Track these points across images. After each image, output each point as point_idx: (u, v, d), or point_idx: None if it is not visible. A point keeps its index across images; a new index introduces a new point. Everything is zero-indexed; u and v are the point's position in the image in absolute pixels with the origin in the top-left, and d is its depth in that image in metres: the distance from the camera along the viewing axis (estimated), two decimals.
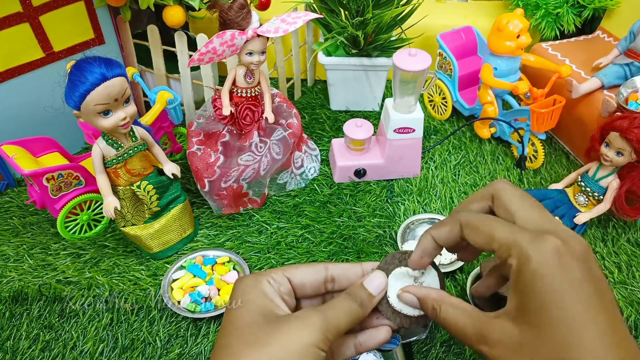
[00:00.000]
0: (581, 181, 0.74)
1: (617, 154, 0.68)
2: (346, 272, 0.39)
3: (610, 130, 0.67)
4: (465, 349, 0.60)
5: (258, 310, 0.34)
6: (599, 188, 0.72)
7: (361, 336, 0.38)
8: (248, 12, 0.65)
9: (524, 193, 0.35)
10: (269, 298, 0.35)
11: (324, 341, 0.33)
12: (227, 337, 0.33)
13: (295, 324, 0.33)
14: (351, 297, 0.36)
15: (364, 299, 0.36)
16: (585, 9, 0.97)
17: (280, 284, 0.36)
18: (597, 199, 0.73)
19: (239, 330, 0.33)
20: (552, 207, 0.75)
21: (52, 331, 0.62)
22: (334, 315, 0.34)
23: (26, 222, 0.77)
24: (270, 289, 0.36)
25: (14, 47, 0.73)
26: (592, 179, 0.72)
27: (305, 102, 1.04)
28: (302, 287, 0.38)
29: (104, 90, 0.55)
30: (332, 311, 0.34)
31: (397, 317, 0.38)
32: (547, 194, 0.77)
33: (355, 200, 0.81)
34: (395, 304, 0.38)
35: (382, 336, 0.38)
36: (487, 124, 0.91)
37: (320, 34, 1.00)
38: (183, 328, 0.63)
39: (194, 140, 0.74)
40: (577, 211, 0.74)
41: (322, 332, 0.33)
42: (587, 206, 0.74)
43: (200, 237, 0.75)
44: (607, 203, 0.71)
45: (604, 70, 0.82)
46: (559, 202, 0.75)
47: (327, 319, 0.34)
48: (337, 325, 0.34)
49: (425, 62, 0.71)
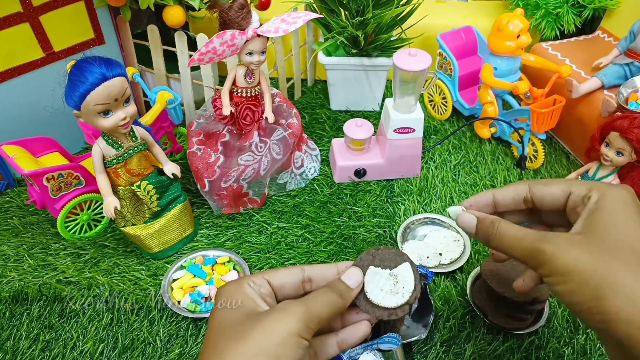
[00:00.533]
0: None
1: (617, 153, 0.68)
2: (323, 272, 0.40)
3: (610, 130, 0.67)
4: (465, 348, 0.60)
5: (241, 309, 0.35)
6: None
7: (342, 333, 0.40)
8: (248, 12, 0.65)
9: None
10: (251, 298, 0.36)
11: (306, 330, 0.34)
12: (213, 338, 0.35)
13: (276, 315, 0.34)
14: (331, 289, 0.38)
15: (343, 290, 0.38)
16: (585, 9, 0.97)
17: (261, 286, 0.38)
18: None
19: (223, 329, 0.34)
20: None
21: (52, 331, 0.62)
22: (315, 305, 0.36)
23: (26, 222, 0.77)
24: (251, 291, 0.37)
25: (14, 47, 0.73)
26: (593, 179, 0.72)
27: (305, 102, 1.04)
28: (281, 289, 0.39)
29: (104, 90, 0.55)
30: (313, 301, 0.36)
31: (376, 310, 0.39)
32: None
33: (355, 200, 0.81)
34: (372, 297, 0.39)
35: (362, 331, 0.40)
36: (487, 123, 0.91)
37: (320, 34, 1.00)
38: (183, 328, 0.63)
39: (194, 140, 0.74)
40: None
41: (304, 321, 0.34)
42: None
43: (200, 237, 0.75)
44: None
45: (604, 70, 0.82)
46: None
47: (308, 308, 0.35)
48: (318, 315, 0.35)
49: (425, 62, 0.71)
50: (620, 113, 0.75)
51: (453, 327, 0.63)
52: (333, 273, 0.40)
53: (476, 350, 0.60)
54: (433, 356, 0.60)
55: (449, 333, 0.62)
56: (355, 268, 0.40)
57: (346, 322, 0.41)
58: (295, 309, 0.35)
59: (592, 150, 0.72)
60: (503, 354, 0.60)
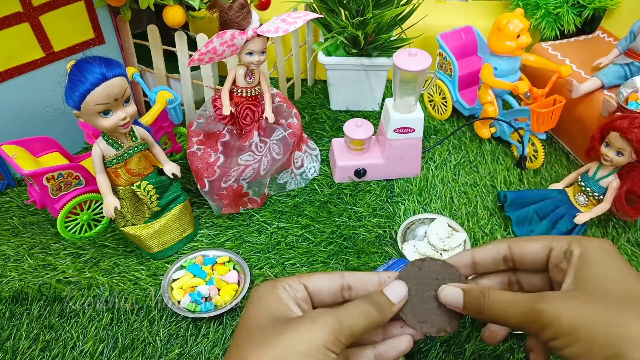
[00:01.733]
0: (581, 181, 0.74)
1: (617, 153, 0.68)
2: (364, 280, 0.38)
3: (611, 130, 0.67)
4: (465, 348, 0.60)
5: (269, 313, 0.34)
6: (599, 188, 0.72)
7: (381, 346, 0.37)
8: (248, 11, 0.65)
9: None
10: (284, 302, 0.35)
11: (335, 343, 0.32)
12: (239, 338, 0.33)
13: (306, 324, 0.32)
14: (368, 301, 0.35)
15: (382, 303, 0.36)
16: (585, 8, 0.97)
17: (297, 290, 0.36)
18: (597, 198, 0.73)
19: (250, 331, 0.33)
20: (553, 207, 0.75)
21: (52, 331, 0.62)
22: (348, 317, 0.33)
23: (26, 222, 0.77)
24: (285, 294, 0.35)
25: (14, 47, 0.73)
26: (592, 179, 0.72)
27: (305, 102, 1.04)
28: (318, 294, 0.37)
29: (104, 90, 0.55)
30: (346, 313, 0.34)
31: (423, 326, 0.37)
32: (547, 194, 0.77)
33: (355, 200, 0.81)
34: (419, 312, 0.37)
35: (403, 345, 0.37)
36: (487, 123, 0.91)
37: (320, 34, 1.00)
38: (183, 328, 0.63)
39: (194, 140, 0.74)
40: (577, 211, 0.74)
41: (334, 334, 0.32)
42: (587, 206, 0.74)
43: (200, 237, 0.75)
44: (607, 203, 0.71)
45: (604, 70, 0.82)
46: (559, 202, 0.75)
47: (340, 321, 0.33)
48: (350, 328, 0.33)
49: (425, 62, 0.71)
50: (621, 113, 0.75)
51: None
52: (375, 283, 0.38)
53: (476, 350, 0.60)
54: (433, 356, 0.60)
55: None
56: (399, 281, 0.37)
57: (388, 334, 0.38)
58: (326, 319, 0.33)
59: (592, 150, 0.72)
60: (503, 354, 0.60)
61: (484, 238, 0.75)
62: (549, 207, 0.75)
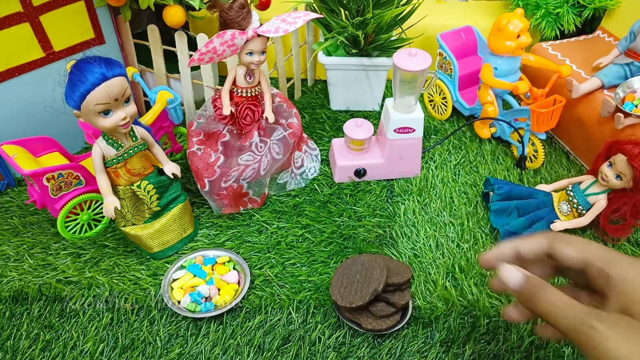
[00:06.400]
0: (571, 190, 0.74)
1: (616, 177, 0.68)
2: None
3: (619, 151, 0.67)
4: (465, 349, 0.60)
5: None
6: (585, 202, 0.72)
7: None
8: (248, 11, 0.65)
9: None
10: None
11: None
12: None
13: None
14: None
15: None
16: (585, 8, 0.97)
17: None
18: (579, 212, 0.73)
19: None
20: (535, 207, 0.75)
21: (52, 331, 0.62)
22: None
23: (26, 221, 0.77)
24: None
25: (14, 47, 0.73)
26: (582, 192, 0.72)
27: (305, 102, 1.04)
28: None
29: (104, 90, 0.55)
30: None
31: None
32: (533, 193, 0.76)
33: (355, 200, 0.81)
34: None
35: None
36: (487, 123, 0.91)
37: (320, 34, 1.00)
38: (183, 328, 0.63)
39: (194, 140, 0.74)
40: (556, 217, 0.74)
41: None
42: (567, 216, 0.74)
43: (200, 237, 0.75)
44: (587, 219, 0.72)
45: (604, 70, 0.82)
46: (541, 205, 0.75)
47: None
48: None
49: (425, 62, 0.71)
50: (620, 113, 0.75)
51: (452, 327, 0.63)
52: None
53: (476, 350, 0.60)
54: (433, 356, 0.60)
55: (449, 333, 0.62)
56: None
57: None
58: None
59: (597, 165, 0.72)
60: (503, 354, 0.60)
61: (484, 238, 0.75)
62: (531, 207, 0.75)
